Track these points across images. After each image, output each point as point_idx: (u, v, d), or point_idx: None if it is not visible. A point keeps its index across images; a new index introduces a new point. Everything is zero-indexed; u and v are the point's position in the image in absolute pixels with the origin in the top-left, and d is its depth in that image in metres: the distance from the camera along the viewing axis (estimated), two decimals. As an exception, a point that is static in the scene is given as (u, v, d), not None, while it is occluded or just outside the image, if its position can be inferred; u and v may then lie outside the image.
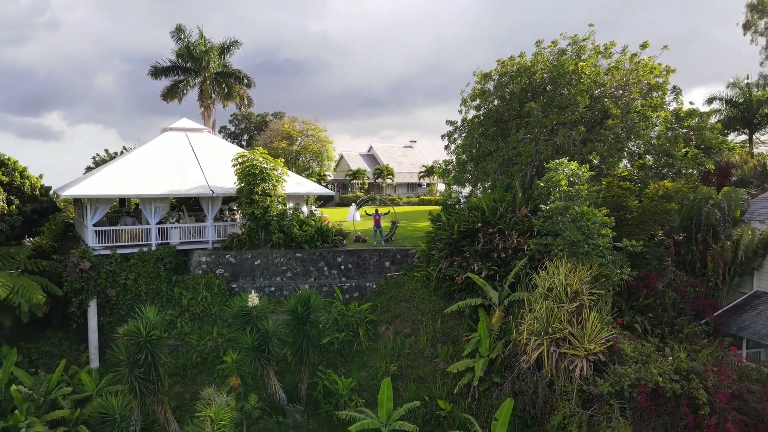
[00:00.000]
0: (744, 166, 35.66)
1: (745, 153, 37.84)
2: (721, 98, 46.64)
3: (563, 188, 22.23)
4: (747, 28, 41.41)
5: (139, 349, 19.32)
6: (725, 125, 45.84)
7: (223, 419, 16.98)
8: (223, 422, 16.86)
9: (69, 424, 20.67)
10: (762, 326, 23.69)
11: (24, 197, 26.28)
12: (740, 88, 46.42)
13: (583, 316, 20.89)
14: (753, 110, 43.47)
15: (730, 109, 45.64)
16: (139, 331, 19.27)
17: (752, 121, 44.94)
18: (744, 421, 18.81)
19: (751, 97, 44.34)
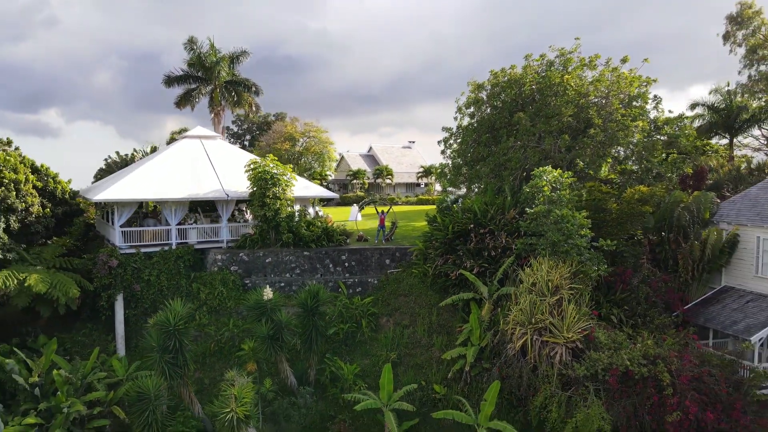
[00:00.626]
0: (720, 170, 38.15)
1: (723, 158, 40.30)
2: (704, 104, 49.15)
3: (546, 193, 24.73)
4: (726, 39, 43.81)
5: (168, 337, 21.82)
6: (707, 130, 48.40)
7: (245, 397, 19.49)
8: (245, 399, 19.36)
9: (104, 405, 23.13)
10: (726, 318, 26.24)
11: (56, 200, 28.72)
12: (721, 94, 48.92)
13: (562, 308, 23.41)
14: (733, 116, 45.88)
15: (712, 114, 48.13)
16: (169, 321, 21.76)
17: (733, 126, 47.41)
18: (702, 399, 21.38)
19: (732, 103, 46.80)
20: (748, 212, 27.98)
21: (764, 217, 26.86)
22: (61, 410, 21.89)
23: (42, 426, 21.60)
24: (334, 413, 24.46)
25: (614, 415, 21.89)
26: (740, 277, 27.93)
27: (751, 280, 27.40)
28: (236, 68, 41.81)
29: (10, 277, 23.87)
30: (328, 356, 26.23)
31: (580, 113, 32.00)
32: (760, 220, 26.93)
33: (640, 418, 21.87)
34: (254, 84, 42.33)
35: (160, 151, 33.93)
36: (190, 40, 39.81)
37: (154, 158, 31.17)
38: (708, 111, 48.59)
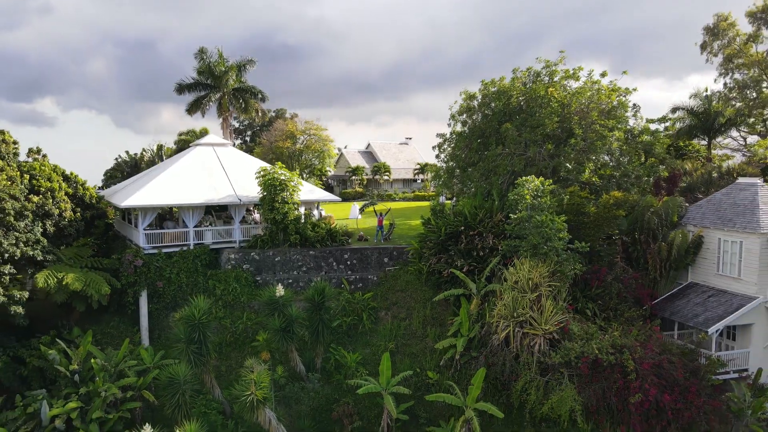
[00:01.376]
0: (694, 173, 41.12)
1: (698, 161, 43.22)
2: (684, 108, 52.04)
3: (528, 201, 27.64)
4: (703, 49, 46.56)
5: (193, 330, 24.78)
6: (687, 132, 51.33)
7: (263, 382, 22.49)
8: (263, 384, 22.37)
9: (135, 389, 26.10)
10: (689, 311, 29.33)
11: (84, 205, 31.49)
12: (701, 99, 51.81)
13: (541, 303, 26.45)
14: (711, 119, 48.73)
15: (692, 118, 51.02)
16: (194, 315, 24.70)
17: (711, 129, 50.33)
18: (661, 383, 24.52)
19: (710, 108, 49.69)
20: (712, 216, 30.96)
21: (725, 221, 29.84)
22: (99, 394, 24.87)
23: (82, 408, 24.58)
24: (339, 396, 27.49)
25: (585, 397, 25.02)
26: (704, 274, 30.98)
27: (713, 277, 30.45)
28: (243, 76, 44.49)
29: (50, 276, 26.74)
30: (333, 346, 29.22)
31: (563, 123, 34.83)
32: (722, 223, 29.91)
33: (607, 400, 24.98)
34: (260, 91, 45.04)
35: (176, 158, 36.56)
36: (200, 50, 42.53)
37: (173, 165, 33.86)
38: (688, 114, 51.51)
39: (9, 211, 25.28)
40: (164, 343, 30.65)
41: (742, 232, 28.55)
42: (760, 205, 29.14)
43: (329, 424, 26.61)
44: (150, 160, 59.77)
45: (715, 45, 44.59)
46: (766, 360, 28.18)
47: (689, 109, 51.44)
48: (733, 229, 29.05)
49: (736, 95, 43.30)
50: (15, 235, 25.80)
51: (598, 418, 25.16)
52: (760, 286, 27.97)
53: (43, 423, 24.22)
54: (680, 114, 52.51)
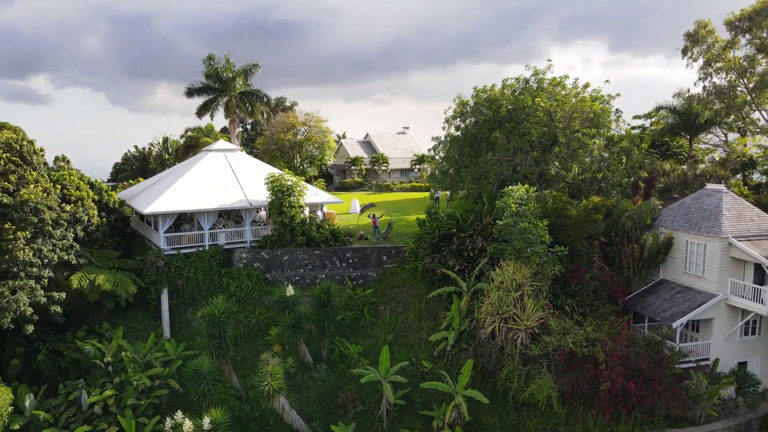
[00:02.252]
0: (672, 173, 44.08)
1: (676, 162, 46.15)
2: (667, 107, 54.82)
3: (513, 209, 30.62)
4: (684, 54, 49.03)
5: (213, 327, 27.92)
6: (670, 131, 54.20)
7: (277, 373, 25.71)
8: (278, 375, 25.59)
9: (161, 378, 29.34)
10: (657, 306, 32.53)
11: (108, 209, 34.38)
12: (683, 99, 54.54)
13: (524, 302, 29.61)
14: (692, 118, 51.50)
15: (674, 116, 53.81)
16: (214, 314, 27.81)
17: (692, 127, 53.17)
18: (627, 372, 27.80)
19: (692, 107, 52.47)
20: (681, 219, 34.00)
21: (693, 225, 32.89)
22: (131, 383, 28.11)
23: (117, 395, 27.83)
24: (343, 384, 30.79)
25: (561, 384, 28.38)
26: (673, 272, 34.12)
27: (681, 275, 33.61)
28: (249, 80, 46.94)
29: (83, 278, 29.76)
30: (337, 338, 32.43)
31: (548, 130, 37.64)
32: (689, 226, 32.96)
33: (580, 387, 28.35)
34: (266, 95, 47.63)
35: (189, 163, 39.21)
36: (208, 57, 44.96)
37: (189, 172, 36.61)
38: (670, 113, 54.32)
39: (47, 222, 28.16)
40: (184, 335, 33.92)
41: (706, 236, 31.61)
42: (724, 211, 32.16)
43: (335, 408, 29.95)
44: (158, 154, 62.34)
45: (695, 50, 47.08)
46: (725, 350, 31.49)
47: (672, 108, 54.30)
48: (698, 232, 32.10)
49: (714, 99, 45.91)
50: (52, 242, 28.74)
51: (572, 402, 28.53)
52: (720, 285, 31.12)
53: (83, 408, 27.50)
54: (664, 113, 55.48)
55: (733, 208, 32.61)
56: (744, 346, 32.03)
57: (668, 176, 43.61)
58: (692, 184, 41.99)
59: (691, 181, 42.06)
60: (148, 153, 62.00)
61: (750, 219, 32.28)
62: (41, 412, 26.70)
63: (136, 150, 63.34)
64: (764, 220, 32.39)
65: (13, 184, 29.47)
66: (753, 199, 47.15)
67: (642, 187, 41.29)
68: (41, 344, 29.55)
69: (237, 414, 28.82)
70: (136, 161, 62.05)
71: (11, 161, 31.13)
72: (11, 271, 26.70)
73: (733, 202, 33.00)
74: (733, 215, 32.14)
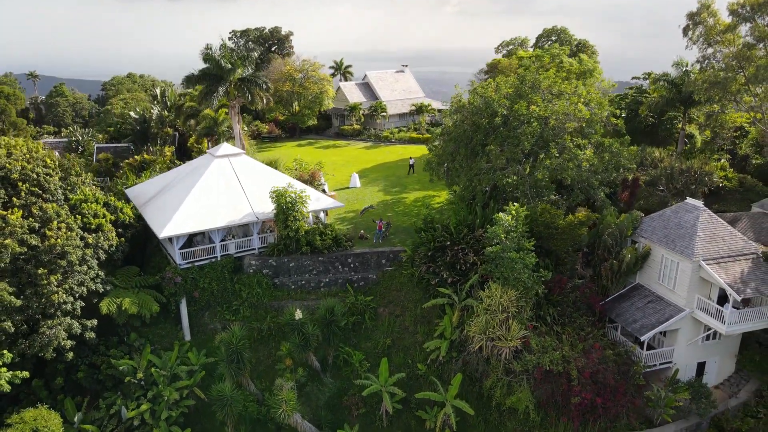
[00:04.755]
0: (660, 164, 45.76)
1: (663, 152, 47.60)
2: (665, 79, 55.06)
3: (501, 238, 33.04)
4: (685, 33, 48.51)
5: (231, 352, 31.51)
6: (666, 104, 54.86)
7: (291, 400, 29.66)
8: (291, 403, 29.55)
9: (188, 388, 33.43)
10: (630, 316, 35.97)
11: (125, 226, 36.77)
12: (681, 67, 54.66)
13: (509, 323, 32.98)
14: (688, 93, 52.05)
15: (671, 89, 54.24)
16: (232, 341, 31.30)
17: (687, 101, 53.83)
18: (596, 388, 31.79)
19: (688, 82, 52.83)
20: (660, 232, 36.48)
21: (669, 241, 35.45)
22: (163, 397, 32.21)
23: (151, 409, 32.03)
24: (347, 387, 35.00)
25: (537, 395, 32.53)
26: (649, 279, 37.20)
27: (655, 283, 36.73)
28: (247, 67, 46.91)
29: (111, 303, 32.89)
30: (341, 345, 36.21)
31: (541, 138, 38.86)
32: (666, 242, 35.55)
33: (555, 398, 32.49)
34: (264, 81, 47.73)
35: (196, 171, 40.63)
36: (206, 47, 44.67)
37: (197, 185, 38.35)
38: (667, 85, 54.70)
39: (74, 261, 30.77)
40: (202, 337, 37.71)
41: (680, 255, 34.33)
42: (698, 231, 34.59)
43: (340, 409, 34.39)
44: (158, 117, 62.97)
45: (696, 32, 46.72)
46: (687, 353, 35.38)
47: (669, 81, 54.64)
48: (673, 250, 34.76)
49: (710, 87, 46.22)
50: (80, 277, 31.52)
51: (547, 409, 32.83)
52: (688, 300, 34.34)
53: (123, 420, 31.81)
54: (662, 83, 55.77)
55: (708, 228, 34.96)
56: (704, 349, 35.89)
57: (656, 167, 45.33)
58: (678, 178, 43.90)
59: (678, 175, 43.89)
60: (148, 117, 62.58)
61: (722, 239, 34.77)
62: (88, 426, 30.99)
63: (136, 113, 63.83)
64: (735, 240, 34.92)
65: (37, 220, 31.75)
66: (737, 182, 49.43)
67: (628, 185, 43.43)
68: (79, 360, 33.24)
69: (256, 416, 33.26)
70: (137, 124, 62.78)
71: (31, 192, 33.18)
72: (48, 312, 29.74)
73: (708, 221, 35.29)
74: (707, 235, 34.60)
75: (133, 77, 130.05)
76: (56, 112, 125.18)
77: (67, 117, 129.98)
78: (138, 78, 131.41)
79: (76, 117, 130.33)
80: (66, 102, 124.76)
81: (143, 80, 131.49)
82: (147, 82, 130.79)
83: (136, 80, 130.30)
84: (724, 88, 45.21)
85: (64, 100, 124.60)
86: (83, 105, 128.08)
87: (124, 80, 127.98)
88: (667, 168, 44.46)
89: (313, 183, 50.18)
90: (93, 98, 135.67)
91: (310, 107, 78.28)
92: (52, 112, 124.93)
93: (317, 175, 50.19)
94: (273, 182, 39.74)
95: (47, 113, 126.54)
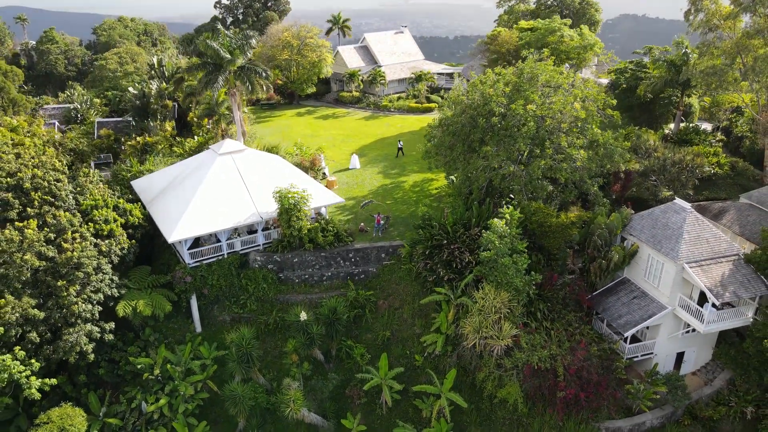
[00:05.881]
0: (654, 153, 46.75)
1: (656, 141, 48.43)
2: (664, 60, 55.04)
3: (496, 245, 34.66)
4: (686, 18, 48.25)
5: (242, 353, 33.83)
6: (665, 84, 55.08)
7: (298, 399, 32.21)
8: (298, 402, 32.10)
9: (202, 381, 36.00)
10: (615, 311, 38.13)
11: (134, 227, 38.30)
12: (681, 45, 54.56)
13: (501, 323, 35.14)
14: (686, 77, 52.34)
15: (670, 69, 54.35)
16: (242, 344, 33.56)
17: (685, 83, 54.10)
18: (581, 383, 34.34)
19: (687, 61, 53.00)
20: (648, 232, 38.06)
21: (656, 242, 37.09)
22: (179, 392, 34.80)
23: (169, 402, 34.68)
24: (349, 377, 37.61)
25: (526, 389, 35.14)
26: (635, 274, 39.12)
27: (641, 279, 38.69)
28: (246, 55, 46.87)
29: (127, 306, 34.89)
30: (343, 339, 38.55)
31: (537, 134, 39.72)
32: (653, 243, 37.20)
33: (542, 391, 35.11)
34: (264, 69, 47.79)
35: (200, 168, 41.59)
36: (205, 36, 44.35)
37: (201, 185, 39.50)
38: (666, 65, 54.78)
39: (90, 273, 32.53)
40: (212, 329, 40.00)
41: (665, 257, 36.10)
42: (684, 234, 36.19)
43: (343, 400, 37.14)
44: (157, 92, 63.05)
45: (697, 19, 46.57)
46: (667, 345, 37.81)
47: (669, 61, 54.68)
48: (660, 251, 36.48)
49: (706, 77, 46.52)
50: (96, 285, 33.37)
51: (534, 400, 35.54)
52: (671, 298, 36.40)
53: (143, 413, 34.54)
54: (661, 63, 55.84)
55: (693, 230, 36.52)
56: (684, 341, 38.28)
57: (650, 156, 46.35)
58: (670, 169, 45.04)
59: (669, 166, 45.00)
60: (148, 92, 62.59)
61: (706, 241, 36.40)
62: (112, 420, 33.73)
63: (135, 89, 63.77)
64: (719, 242, 36.56)
65: (52, 230, 33.28)
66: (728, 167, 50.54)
67: (621, 178, 44.67)
68: (99, 357, 35.58)
69: (266, 406, 36.00)
70: (137, 99, 62.86)
71: (44, 201, 34.54)
72: (69, 321, 31.77)
73: (694, 223, 36.81)
74: (691, 238, 36.22)
75: (125, 21, 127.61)
76: (48, 60, 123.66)
77: (59, 65, 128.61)
78: (129, 22, 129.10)
79: (68, 65, 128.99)
80: (58, 49, 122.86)
81: (135, 24, 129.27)
82: (139, 26, 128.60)
83: (127, 24, 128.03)
84: (720, 77, 45.58)
85: (55, 47, 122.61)
86: (75, 52, 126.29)
87: (116, 24, 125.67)
88: (660, 158, 45.52)
89: (314, 168, 51.29)
90: (84, 44, 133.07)
91: (309, 76, 77.94)
92: (44, 60, 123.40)
93: (318, 161, 51.14)
94: (276, 178, 41.00)
95: (39, 61, 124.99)
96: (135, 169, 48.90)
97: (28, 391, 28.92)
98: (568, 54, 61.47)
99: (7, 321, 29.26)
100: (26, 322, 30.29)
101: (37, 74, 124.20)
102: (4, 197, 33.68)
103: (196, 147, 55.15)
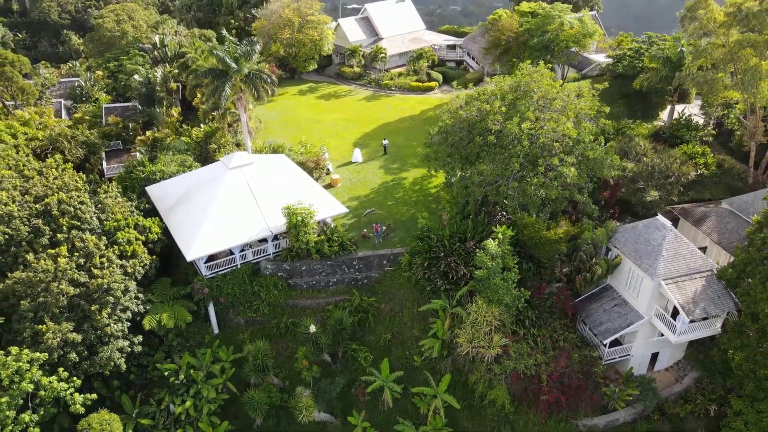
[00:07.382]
0: (644, 158, 48.89)
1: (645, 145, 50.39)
2: (661, 57, 55.97)
3: (488, 265, 37.73)
4: (681, 23, 48.89)
5: (257, 364, 37.70)
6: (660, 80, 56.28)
7: (309, 406, 36.33)
8: (310, 409, 36.22)
9: (222, 383, 40.08)
10: (597, 318, 41.69)
11: (154, 242, 41.30)
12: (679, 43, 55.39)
13: (491, 335, 38.77)
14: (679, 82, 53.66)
15: (665, 66, 55.43)
16: (257, 356, 37.36)
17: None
18: (562, 388, 38.37)
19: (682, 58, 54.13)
20: (631, 246, 41.01)
21: (638, 257, 40.09)
22: (202, 394, 38.95)
23: (194, 404, 38.87)
24: (355, 377, 41.70)
25: (513, 392, 39.25)
26: (618, 282, 42.41)
27: (623, 288, 42.02)
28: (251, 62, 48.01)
29: (152, 320, 38.45)
30: (348, 342, 42.34)
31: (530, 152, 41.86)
32: (634, 257, 40.22)
33: (527, 394, 39.21)
34: (269, 75, 49.11)
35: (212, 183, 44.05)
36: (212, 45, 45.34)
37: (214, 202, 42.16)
38: (662, 62, 55.81)
39: (119, 296, 35.82)
40: (228, 331, 43.79)
41: (644, 272, 39.24)
42: (663, 252, 39.14)
43: (349, 398, 41.40)
44: (162, 79, 64.23)
45: (691, 27, 47.45)
46: (643, 347, 41.64)
47: (665, 58, 55.70)
48: (640, 267, 39.59)
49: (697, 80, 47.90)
50: (124, 305, 36.76)
51: (520, 401, 39.73)
52: (648, 309, 39.84)
53: (171, 413, 38.82)
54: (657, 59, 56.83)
55: (672, 247, 39.42)
56: (658, 344, 42.04)
57: (639, 161, 48.52)
58: (658, 178, 47.36)
59: (657, 174, 47.31)
60: (153, 80, 63.71)
61: (683, 257, 39.38)
62: (145, 420, 38.02)
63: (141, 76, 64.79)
64: (696, 258, 39.55)
65: (81, 255, 36.34)
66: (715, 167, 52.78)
67: (611, 184, 47.14)
68: (129, 363, 39.49)
69: (279, 404, 40.28)
70: (142, 86, 64.06)
71: (72, 225, 37.43)
72: (103, 340, 35.37)
73: (673, 241, 39.66)
74: (670, 255, 39.18)
75: None
76: (41, 8, 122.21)
77: (52, 12, 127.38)
78: None
79: (62, 12, 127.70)
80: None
81: None
82: None
83: None
84: (711, 87, 47.09)
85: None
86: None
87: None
88: (648, 165, 47.74)
89: (318, 167, 53.57)
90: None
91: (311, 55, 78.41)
92: (37, 8, 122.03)
93: (321, 161, 53.32)
94: (283, 189, 43.67)
95: (32, 8, 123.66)
96: (147, 169, 51.19)
97: (74, 407, 32.79)
98: (568, 42, 62.18)
99: (50, 346, 32.78)
100: (66, 345, 33.83)
101: (30, 21, 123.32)
102: (35, 224, 36.52)
103: (203, 138, 57.25)
